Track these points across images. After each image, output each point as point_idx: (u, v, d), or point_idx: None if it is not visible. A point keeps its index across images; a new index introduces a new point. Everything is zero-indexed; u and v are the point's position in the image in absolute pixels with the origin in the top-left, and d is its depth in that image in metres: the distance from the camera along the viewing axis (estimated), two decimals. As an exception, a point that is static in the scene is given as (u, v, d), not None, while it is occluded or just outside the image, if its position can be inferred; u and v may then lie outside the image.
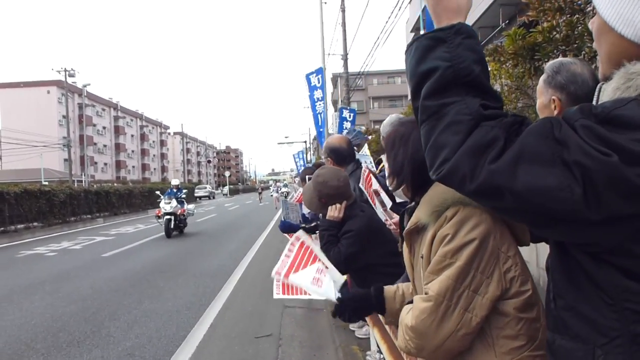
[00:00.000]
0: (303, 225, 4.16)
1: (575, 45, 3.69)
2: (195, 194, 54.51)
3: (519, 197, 0.91)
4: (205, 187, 67.52)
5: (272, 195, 38.21)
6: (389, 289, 1.91)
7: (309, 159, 35.58)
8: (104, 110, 79.03)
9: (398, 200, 2.59)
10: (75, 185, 35.41)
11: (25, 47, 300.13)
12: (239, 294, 7.77)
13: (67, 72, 43.21)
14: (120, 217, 28.23)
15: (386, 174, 1.77)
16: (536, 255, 4.36)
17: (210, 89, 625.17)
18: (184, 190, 17.68)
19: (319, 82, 12.23)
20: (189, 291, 7.95)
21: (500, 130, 0.96)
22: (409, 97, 1.21)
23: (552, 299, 1.12)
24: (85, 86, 52.93)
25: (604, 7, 1.01)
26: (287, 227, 4.14)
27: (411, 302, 1.55)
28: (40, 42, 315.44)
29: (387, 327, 2.63)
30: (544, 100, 2.07)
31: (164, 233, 16.19)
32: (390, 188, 1.75)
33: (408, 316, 1.48)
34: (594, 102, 1.05)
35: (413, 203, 1.68)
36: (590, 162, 0.84)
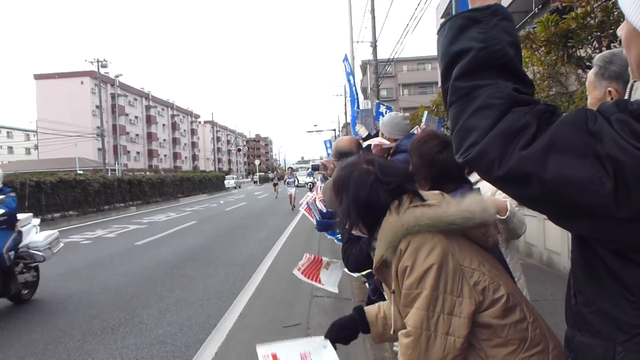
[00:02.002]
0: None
1: (611, 31, 3.58)
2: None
3: (548, 186, 0.89)
4: (233, 178, 68.19)
5: (289, 185, 24.13)
6: (370, 312, 1.94)
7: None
8: (135, 100, 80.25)
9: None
10: (109, 174, 36.23)
11: (59, 38, 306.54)
12: (268, 282, 7.85)
13: (99, 63, 43.95)
14: (152, 206, 28.75)
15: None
16: (568, 246, 4.27)
17: (240, 77, 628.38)
18: (11, 196, 6.79)
19: (349, 68, 12.46)
20: (219, 280, 8.07)
21: (532, 117, 0.94)
22: (439, 84, 1.20)
23: (572, 295, 1.10)
24: (117, 76, 53.87)
25: (632, 13, 0.98)
26: (325, 226, 3.91)
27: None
28: (74, 33, 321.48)
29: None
30: (598, 94, 1.96)
31: (195, 221, 16.36)
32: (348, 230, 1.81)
33: (399, 353, 1.50)
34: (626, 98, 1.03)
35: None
36: (623, 156, 0.82)
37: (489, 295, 1.43)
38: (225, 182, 55.38)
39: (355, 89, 12.66)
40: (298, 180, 25.03)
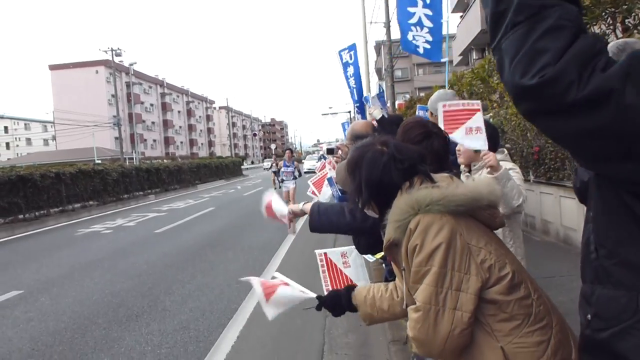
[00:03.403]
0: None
1: (625, 7, 3.52)
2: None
3: (623, 112, 0.88)
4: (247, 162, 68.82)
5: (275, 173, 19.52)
6: (359, 293, 2.02)
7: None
8: (150, 87, 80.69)
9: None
10: (127, 162, 36.60)
11: (72, 27, 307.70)
12: (286, 266, 7.95)
13: (113, 52, 44.17)
14: (170, 193, 29.04)
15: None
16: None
17: (254, 62, 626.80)
18: None
19: (351, 59, 12.08)
20: (238, 265, 8.18)
21: (604, 45, 0.94)
22: (455, 63, 1.19)
23: (593, 250, 1.12)
24: (131, 65, 54.10)
25: None
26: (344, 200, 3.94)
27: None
28: (87, 23, 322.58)
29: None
30: None
31: (214, 207, 16.47)
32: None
33: (409, 328, 1.56)
34: None
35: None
36: None
37: (495, 273, 1.48)
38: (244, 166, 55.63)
39: (358, 78, 12.28)
40: (299, 172, 15.46)
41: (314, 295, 2.14)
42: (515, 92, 1.00)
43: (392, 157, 1.66)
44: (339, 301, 2.08)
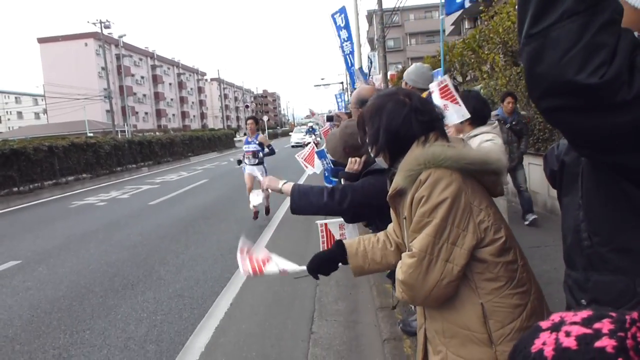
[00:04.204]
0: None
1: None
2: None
3: None
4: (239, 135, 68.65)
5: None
6: (350, 246, 2.07)
7: (347, 99, 33.55)
8: (141, 60, 79.66)
9: None
10: (119, 135, 36.40)
11: (60, 0, 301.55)
12: (279, 236, 8.11)
13: (102, 24, 43.49)
14: (163, 166, 29.06)
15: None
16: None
17: (245, 32, 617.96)
18: None
19: (342, 22, 11.91)
20: (231, 236, 8.31)
21: (637, 39, 0.91)
22: (447, 32, 1.11)
23: (586, 237, 1.15)
24: (121, 37, 53.24)
25: None
26: (336, 173, 3.84)
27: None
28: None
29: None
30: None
31: (207, 179, 16.51)
32: (372, 155, 1.87)
33: (399, 272, 1.65)
34: None
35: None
36: None
37: (490, 235, 1.57)
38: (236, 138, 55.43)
39: (353, 44, 12.13)
40: (270, 149, 9.94)
41: (302, 267, 2.23)
42: (563, 88, 0.91)
43: (414, 109, 1.71)
44: (332, 255, 2.12)
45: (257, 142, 9.83)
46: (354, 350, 4.06)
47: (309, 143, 5.60)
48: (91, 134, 38.59)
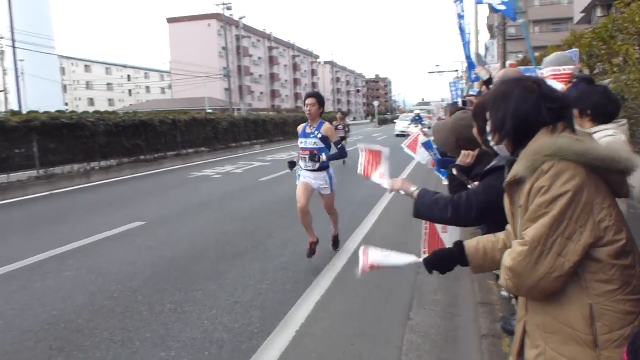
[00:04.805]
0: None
1: None
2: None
3: None
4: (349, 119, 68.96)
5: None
6: (469, 246, 2.03)
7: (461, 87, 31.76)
8: (258, 41, 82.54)
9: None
10: (235, 113, 38.14)
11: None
12: (382, 223, 8.17)
13: (224, 6, 45.58)
14: (275, 145, 30.08)
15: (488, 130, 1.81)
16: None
17: (359, 17, 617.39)
18: None
19: (462, 11, 11.56)
20: (336, 217, 8.48)
21: None
22: (575, 21, 1.11)
23: None
24: (241, 18, 55.60)
25: None
26: (445, 164, 3.85)
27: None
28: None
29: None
30: None
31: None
32: (492, 143, 1.80)
33: (507, 258, 1.61)
34: None
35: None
36: None
37: (609, 235, 1.50)
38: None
39: (469, 35, 11.80)
40: (341, 151, 6.52)
41: (419, 259, 2.21)
42: None
43: (544, 96, 1.66)
44: (448, 257, 2.09)
45: (319, 136, 6.28)
46: (451, 342, 4.04)
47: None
48: (210, 111, 40.73)
